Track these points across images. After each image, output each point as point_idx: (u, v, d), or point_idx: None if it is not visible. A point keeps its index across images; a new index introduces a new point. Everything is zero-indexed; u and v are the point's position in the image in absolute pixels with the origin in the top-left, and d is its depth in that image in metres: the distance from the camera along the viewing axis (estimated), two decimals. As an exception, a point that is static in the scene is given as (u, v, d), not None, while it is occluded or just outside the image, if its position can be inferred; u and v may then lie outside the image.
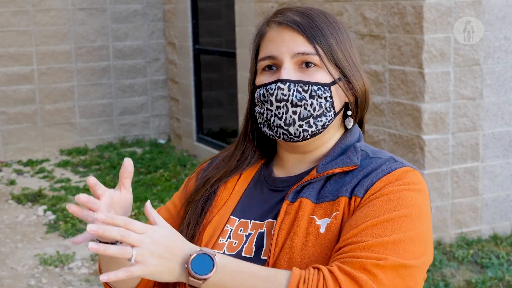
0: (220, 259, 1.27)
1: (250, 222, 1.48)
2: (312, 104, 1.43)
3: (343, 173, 1.44)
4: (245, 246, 1.46)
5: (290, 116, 1.43)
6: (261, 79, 1.47)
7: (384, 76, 4.99)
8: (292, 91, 1.42)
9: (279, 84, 1.43)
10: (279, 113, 1.43)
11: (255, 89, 1.50)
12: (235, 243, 1.47)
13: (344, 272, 1.26)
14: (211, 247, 1.47)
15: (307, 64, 1.44)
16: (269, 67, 1.47)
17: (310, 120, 1.43)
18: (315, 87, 1.43)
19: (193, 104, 7.92)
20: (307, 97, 1.42)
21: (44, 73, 7.92)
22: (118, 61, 8.25)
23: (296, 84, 1.42)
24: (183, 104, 8.13)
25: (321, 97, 1.43)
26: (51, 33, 7.91)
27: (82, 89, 8.11)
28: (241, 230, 1.48)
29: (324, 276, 1.26)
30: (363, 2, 5.09)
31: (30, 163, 7.59)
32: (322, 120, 1.44)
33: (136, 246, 1.22)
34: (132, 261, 1.22)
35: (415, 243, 1.32)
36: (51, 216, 5.83)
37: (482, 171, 4.91)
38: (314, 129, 1.44)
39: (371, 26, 5.05)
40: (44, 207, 6.03)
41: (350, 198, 1.38)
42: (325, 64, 1.44)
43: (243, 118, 1.59)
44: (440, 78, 4.70)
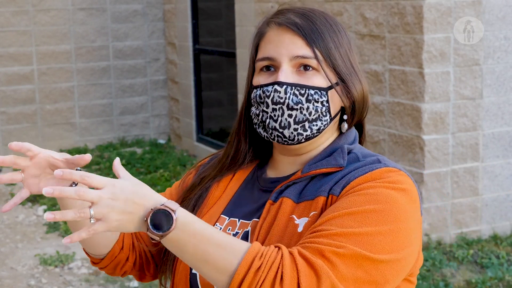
0: (182, 218, 1.25)
1: (238, 221, 1.49)
2: (308, 108, 1.42)
3: (326, 174, 1.43)
4: None
5: (286, 119, 1.42)
6: (259, 80, 1.47)
7: (384, 76, 4.99)
8: (289, 94, 1.42)
9: (276, 87, 1.42)
10: (275, 116, 1.43)
11: (252, 89, 1.49)
12: None
13: (302, 256, 1.24)
14: None
15: (305, 67, 1.43)
16: (267, 68, 1.46)
17: (306, 124, 1.43)
18: (312, 91, 1.43)
19: (193, 104, 7.92)
20: (304, 101, 1.42)
21: (44, 73, 7.92)
22: (118, 61, 8.25)
23: (293, 88, 1.42)
24: (183, 104, 8.13)
25: (318, 102, 1.43)
26: (51, 33, 7.91)
27: (82, 89, 8.11)
28: (229, 229, 1.48)
29: (283, 255, 1.24)
30: (363, 2, 5.09)
31: (30, 163, 7.59)
32: (318, 124, 1.44)
33: (95, 204, 1.20)
34: (92, 221, 1.20)
35: (386, 238, 1.28)
36: (51, 216, 5.83)
37: (482, 171, 4.91)
38: (309, 133, 1.44)
39: (371, 26, 5.05)
40: (44, 207, 6.03)
41: (328, 197, 1.38)
42: (323, 68, 1.43)
43: (237, 117, 1.58)
44: (440, 78, 4.70)
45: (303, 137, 1.44)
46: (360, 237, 1.27)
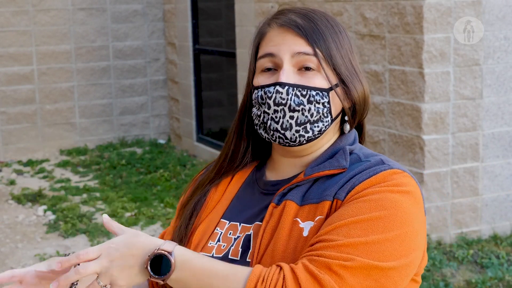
0: (180, 257, 1.27)
1: (239, 225, 1.48)
2: (310, 110, 1.41)
3: (330, 176, 1.42)
4: (232, 249, 1.45)
5: (287, 121, 1.41)
6: (260, 80, 1.46)
7: (384, 76, 4.99)
8: (291, 95, 1.41)
9: (278, 88, 1.41)
10: (276, 117, 1.42)
11: (253, 90, 1.48)
12: (224, 246, 1.46)
13: (308, 271, 1.24)
14: (200, 250, 1.47)
15: (306, 68, 1.42)
16: (268, 69, 1.45)
17: (307, 126, 1.42)
18: (314, 92, 1.42)
19: (193, 104, 7.92)
20: (305, 102, 1.41)
21: (44, 73, 7.92)
22: (118, 61, 8.25)
23: (295, 88, 1.41)
24: (183, 104, 8.13)
25: (319, 103, 1.42)
26: (51, 33, 7.91)
27: (82, 89, 8.11)
28: (231, 233, 1.47)
29: (285, 276, 1.24)
30: (363, 2, 5.09)
31: (30, 163, 7.59)
32: (319, 126, 1.43)
33: (99, 273, 1.25)
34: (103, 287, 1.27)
35: (393, 245, 1.28)
36: (51, 216, 5.83)
37: (482, 171, 4.91)
38: (311, 135, 1.43)
39: (371, 26, 5.05)
40: (44, 207, 6.03)
41: (332, 202, 1.37)
42: (324, 69, 1.42)
43: (236, 117, 1.57)
44: (440, 78, 4.70)
45: (305, 139, 1.43)
46: (368, 247, 1.26)
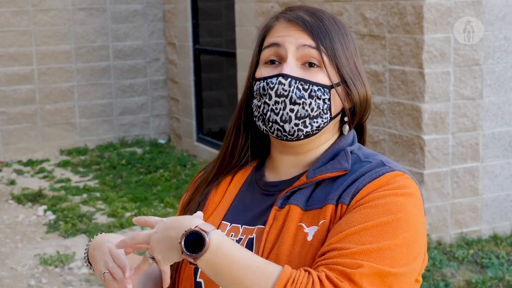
0: (216, 240, 1.27)
1: (241, 227, 1.48)
2: (311, 104, 1.42)
3: (333, 179, 1.42)
4: None
5: (287, 113, 1.42)
6: (263, 72, 1.46)
7: (384, 76, 4.99)
8: (293, 88, 1.41)
9: (281, 79, 1.42)
10: (276, 109, 1.42)
11: (254, 82, 1.48)
12: None
13: (330, 280, 1.26)
14: None
15: (310, 64, 1.43)
16: (272, 62, 1.46)
17: (306, 120, 1.42)
18: (315, 87, 1.42)
19: (193, 104, 7.92)
20: (306, 96, 1.42)
21: (44, 73, 7.92)
22: (118, 61, 8.25)
23: (297, 82, 1.41)
24: (183, 104, 8.13)
25: (320, 98, 1.42)
26: (51, 33, 7.91)
27: (82, 89, 8.11)
28: (232, 235, 1.47)
29: (313, 281, 1.26)
30: (363, 2, 5.09)
31: (30, 163, 7.59)
32: (318, 121, 1.43)
33: (149, 244, 1.32)
34: (151, 261, 1.33)
35: (402, 250, 1.31)
36: (51, 216, 5.83)
37: (482, 171, 4.91)
38: (309, 130, 1.43)
39: (371, 26, 5.05)
40: (44, 207, 6.03)
41: (337, 206, 1.38)
42: (327, 67, 1.43)
43: (236, 110, 1.57)
44: (440, 78, 4.70)
45: (303, 133, 1.43)
46: (380, 253, 1.29)
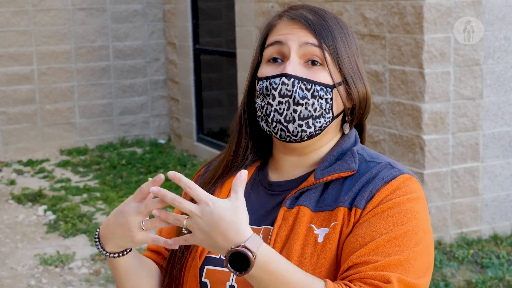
0: (262, 257, 1.25)
1: None
2: (314, 104, 1.42)
3: (342, 180, 1.43)
4: None
5: (291, 114, 1.41)
6: (265, 71, 1.46)
7: (384, 76, 4.99)
8: (296, 88, 1.41)
9: (284, 79, 1.41)
10: (280, 109, 1.42)
11: (257, 81, 1.48)
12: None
13: None
14: (208, 253, 1.47)
15: (313, 62, 1.43)
16: (274, 60, 1.46)
17: (309, 121, 1.42)
18: (318, 87, 1.42)
19: (193, 104, 7.92)
20: (309, 96, 1.42)
21: (44, 73, 7.92)
22: (118, 61, 8.25)
23: (300, 82, 1.41)
24: (183, 104, 8.13)
25: (322, 98, 1.42)
26: (51, 33, 7.91)
27: (82, 89, 8.11)
28: None
29: None
30: (363, 2, 5.09)
31: (30, 163, 7.59)
32: (320, 121, 1.43)
33: (189, 216, 1.27)
34: (185, 231, 1.28)
35: (423, 257, 1.35)
36: (51, 216, 5.83)
37: (482, 171, 4.91)
38: (312, 130, 1.43)
39: (371, 26, 5.05)
40: (44, 207, 6.03)
41: (350, 209, 1.38)
42: (329, 65, 1.43)
43: (238, 110, 1.56)
44: (440, 78, 4.70)
45: (306, 134, 1.43)
46: (406, 264, 1.33)
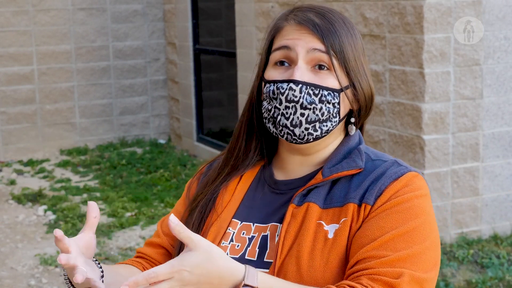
0: (263, 284, 1.26)
1: (253, 225, 1.48)
2: (321, 109, 1.43)
3: (349, 177, 1.45)
4: (249, 249, 1.45)
5: (298, 118, 1.43)
6: (272, 74, 1.47)
7: (384, 76, 4.99)
8: (303, 94, 1.42)
9: (291, 85, 1.42)
10: (287, 113, 1.43)
11: (264, 83, 1.48)
12: (238, 246, 1.47)
13: None
14: None
15: (320, 66, 1.44)
16: (281, 63, 1.46)
17: (316, 124, 1.44)
18: (326, 92, 1.43)
19: (193, 104, 7.92)
20: (317, 101, 1.43)
21: (44, 73, 7.92)
22: (118, 61, 8.25)
23: (308, 87, 1.42)
24: (183, 104, 8.13)
25: (330, 103, 1.44)
26: (51, 33, 7.91)
27: (82, 89, 8.11)
28: (244, 233, 1.48)
29: None
30: (363, 2, 5.09)
31: (30, 163, 7.59)
32: (327, 125, 1.45)
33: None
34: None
35: (431, 252, 1.36)
36: (51, 216, 5.83)
37: (482, 171, 4.91)
38: (319, 134, 1.45)
39: (371, 26, 5.05)
40: (44, 207, 6.03)
41: (360, 206, 1.39)
42: (337, 70, 1.44)
43: (244, 112, 1.56)
44: (440, 78, 4.70)
45: (313, 137, 1.45)
46: (415, 259, 1.34)
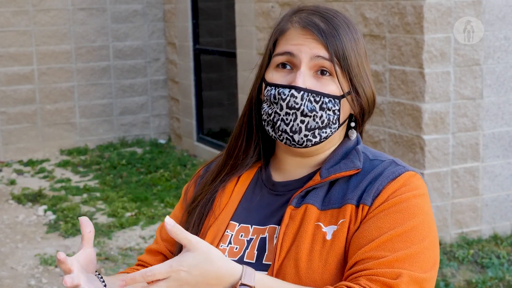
0: (260, 283, 1.26)
1: (251, 227, 1.48)
2: (322, 117, 1.43)
3: (347, 178, 1.44)
4: (247, 251, 1.45)
5: (298, 125, 1.42)
6: (274, 77, 1.46)
7: (384, 76, 4.99)
8: (305, 101, 1.41)
9: (293, 92, 1.41)
10: (287, 120, 1.43)
11: (264, 84, 1.47)
12: (236, 248, 1.46)
13: None
14: None
15: (322, 72, 1.43)
16: (283, 65, 1.45)
17: (316, 131, 1.43)
18: (327, 99, 1.43)
19: (193, 104, 7.92)
20: (318, 109, 1.42)
21: (44, 73, 7.92)
22: (118, 61, 8.25)
23: (309, 94, 1.41)
24: (183, 104, 8.13)
25: (330, 110, 1.43)
26: (51, 33, 7.91)
27: (82, 89, 8.11)
28: (242, 235, 1.47)
29: None
30: (363, 2, 5.09)
31: (30, 163, 7.59)
32: (326, 132, 1.44)
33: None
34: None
35: (429, 252, 1.36)
36: (51, 216, 5.83)
37: (482, 171, 4.91)
38: (318, 140, 1.44)
39: (371, 26, 5.05)
40: (44, 207, 6.03)
41: (358, 206, 1.39)
42: (339, 77, 1.43)
43: (243, 112, 1.56)
44: (440, 78, 4.70)
45: (311, 143, 1.44)
46: (413, 259, 1.33)
